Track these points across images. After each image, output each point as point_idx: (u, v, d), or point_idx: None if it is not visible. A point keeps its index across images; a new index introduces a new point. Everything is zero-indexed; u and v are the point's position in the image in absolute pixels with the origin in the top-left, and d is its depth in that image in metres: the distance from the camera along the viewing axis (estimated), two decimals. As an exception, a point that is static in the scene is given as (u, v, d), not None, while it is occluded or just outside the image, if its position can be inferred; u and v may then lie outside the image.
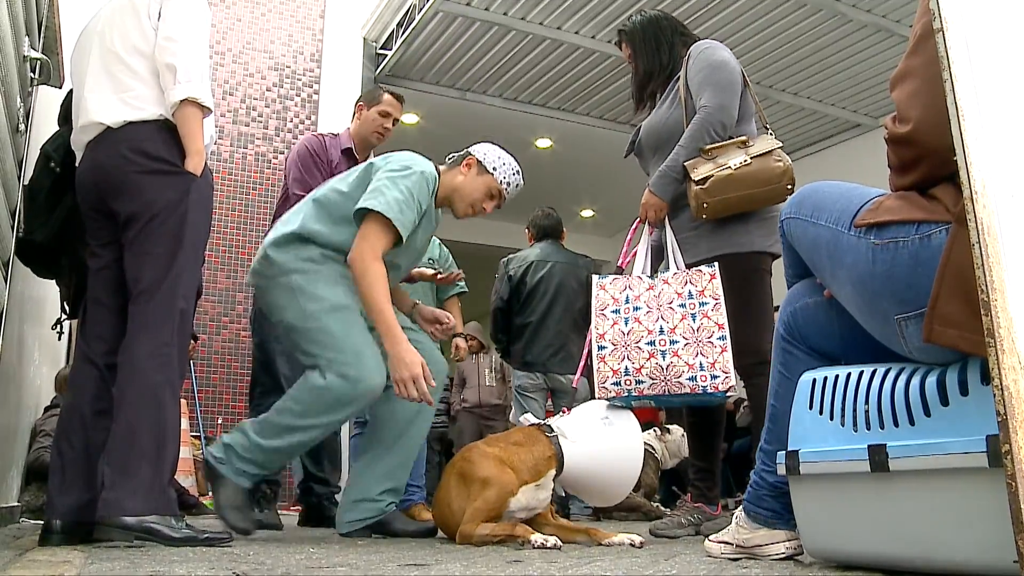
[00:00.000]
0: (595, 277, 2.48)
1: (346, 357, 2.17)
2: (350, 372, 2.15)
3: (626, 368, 2.28)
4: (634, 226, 2.62)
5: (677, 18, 2.86)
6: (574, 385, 2.91)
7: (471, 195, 2.44)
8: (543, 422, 2.27)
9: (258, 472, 2.24)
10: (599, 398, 2.31)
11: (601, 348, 2.32)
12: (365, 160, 3.36)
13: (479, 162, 2.45)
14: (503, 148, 2.52)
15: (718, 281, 2.35)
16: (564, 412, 2.34)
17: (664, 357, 2.27)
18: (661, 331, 2.31)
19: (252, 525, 2.20)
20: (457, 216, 2.49)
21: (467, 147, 2.51)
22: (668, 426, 4.49)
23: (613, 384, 2.29)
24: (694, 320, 2.30)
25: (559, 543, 1.87)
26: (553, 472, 2.15)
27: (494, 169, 2.45)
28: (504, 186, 2.46)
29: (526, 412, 2.37)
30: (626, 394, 2.28)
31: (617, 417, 2.29)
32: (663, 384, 2.26)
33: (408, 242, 2.30)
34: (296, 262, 2.28)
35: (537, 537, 1.88)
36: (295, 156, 3.31)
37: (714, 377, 2.23)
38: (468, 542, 1.99)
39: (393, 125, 3.41)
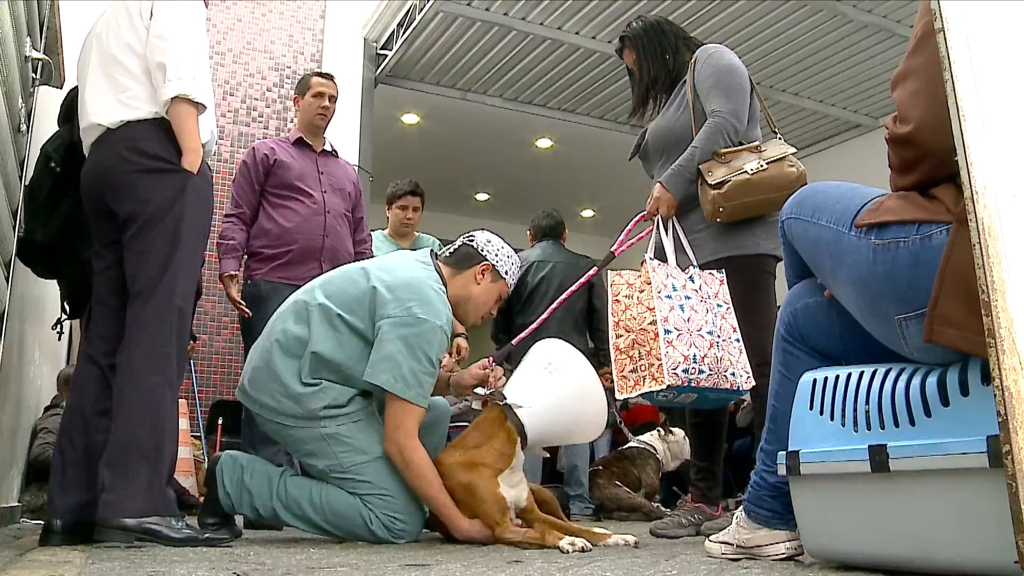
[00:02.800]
0: (648, 257, 2.38)
1: (395, 507, 2.08)
2: (396, 525, 2.07)
3: (694, 356, 2.20)
4: (635, 219, 2.60)
5: (676, 21, 2.86)
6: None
7: (486, 305, 2.34)
8: (495, 392, 2.19)
9: (259, 521, 2.22)
10: (669, 385, 2.18)
11: (668, 332, 2.21)
12: (319, 145, 3.39)
13: (494, 268, 2.32)
14: (497, 235, 2.41)
15: (726, 287, 2.38)
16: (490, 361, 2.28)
17: (718, 349, 2.25)
18: (712, 323, 2.29)
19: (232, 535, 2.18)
20: (466, 325, 2.37)
21: (465, 236, 2.37)
22: (672, 428, 4.49)
23: (683, 371, 2.18)
24: (715, 320, 2.31)
25: (587, 544, 1.83)
26: (519, 447, 2.11)
27: (506, 273, 2.34)
28: (511, 287, 2.38)
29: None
30: (687, 383, 2.19)
31: (559, 358, 2.22)
32: (715, 377, 2.22)
33: None
34: (323, 409, 2.11)
35: (565, 544, 1.82)
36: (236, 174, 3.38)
37: (739, 376, 2.27)
38: (501, 542, 1.99)
39: (331, 102, 3.41)
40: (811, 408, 1.40)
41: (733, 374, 2.26)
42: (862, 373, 1.33)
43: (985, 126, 1.00)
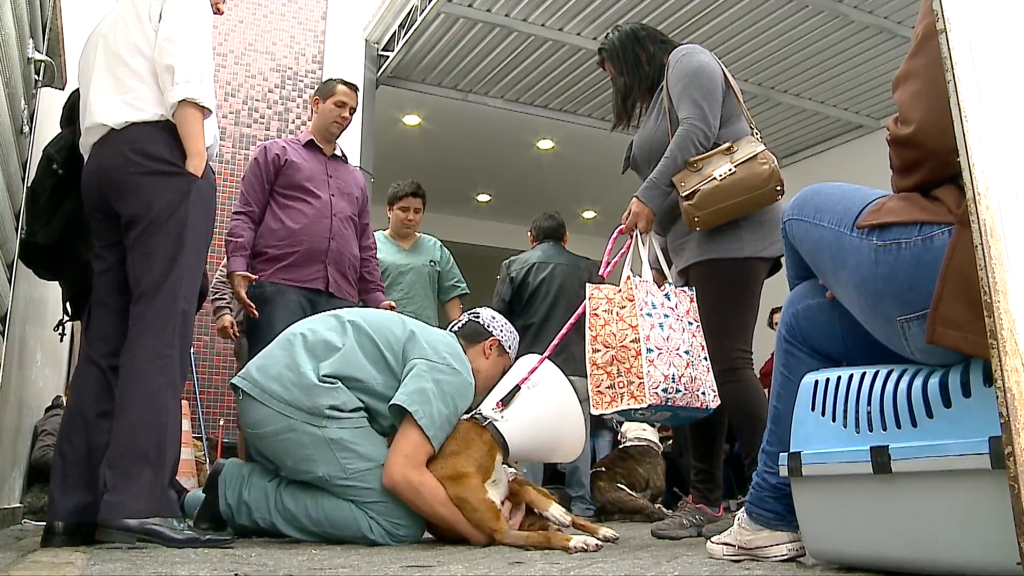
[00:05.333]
0: (630, 273, 2.37)
1: (398, 513, 2.09)
2: (399, 531, 2.10)
3: (673, 375, 2.20)
4: (614, 236, 2.58)
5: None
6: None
7: (494, 378, 2.41)
8: (475, 412, 2.21)
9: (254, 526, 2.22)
10: (651, 404, 2.17)
11: (649, 351, 2.20)
12: (330, 149, 3.40)
13: (499, 343, 2.42)
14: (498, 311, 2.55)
15: (695, 304, 2.38)
16: (499, 407, 2.25)
17: (694, 368, 2.27)
18: (688, 342, 2.30)
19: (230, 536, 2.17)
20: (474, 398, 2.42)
21: (470, 313, 2.49)
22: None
23: (662, 391, 2.18)
24: (689, 339, 2.32)
25: (598, 542, 1.84)
26: (500, 460, 2.13)
27: (509, 347, 2.45)
28: (513, 361, 2.45)
29: None
30: (664, 402, 2.19)
31: (539, 374, 2.23)
32: (689, 396, 2.23)
33: None
34: (330, 408, 2.11)
35: (576, 543, 1.83)
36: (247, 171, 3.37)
37: (707, 394, 2.30)
38: (503, 542, 1.99)
39: (350, 114, 3.42)
40: (813, 409, 1.40)
41: (703, 393, 2.29)
42: (864, 374, 1.33)
43: (987, 127, 1.00)
